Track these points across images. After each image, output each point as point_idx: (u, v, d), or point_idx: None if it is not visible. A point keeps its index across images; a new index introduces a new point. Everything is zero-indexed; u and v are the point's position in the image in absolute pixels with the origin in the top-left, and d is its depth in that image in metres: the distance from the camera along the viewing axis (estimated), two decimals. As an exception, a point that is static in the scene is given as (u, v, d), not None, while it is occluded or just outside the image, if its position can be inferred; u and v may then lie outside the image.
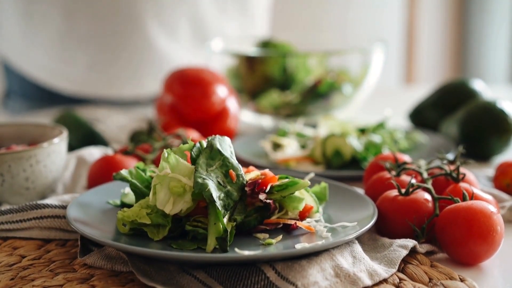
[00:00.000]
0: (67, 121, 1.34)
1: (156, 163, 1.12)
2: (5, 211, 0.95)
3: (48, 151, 1.04)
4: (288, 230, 0.88)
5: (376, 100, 1.78)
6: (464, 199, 0.89)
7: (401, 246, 0.86)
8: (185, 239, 0.85)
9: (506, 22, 3.46)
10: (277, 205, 0.90)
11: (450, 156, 1.18)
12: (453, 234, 0.84)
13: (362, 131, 1.31)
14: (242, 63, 1.55)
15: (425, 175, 0.97)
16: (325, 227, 0.89)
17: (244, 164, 1.11)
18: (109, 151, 1.22)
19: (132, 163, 1.08)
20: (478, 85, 1.45)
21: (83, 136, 1.33)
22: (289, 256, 0.80)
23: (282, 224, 0.89)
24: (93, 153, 1.22)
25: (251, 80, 1.55)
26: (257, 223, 0.88)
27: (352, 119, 1.45)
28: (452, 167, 1.00)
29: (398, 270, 0.84)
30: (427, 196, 0.91)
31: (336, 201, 0.97)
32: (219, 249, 0.82)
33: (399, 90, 2.44)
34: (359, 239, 0.90)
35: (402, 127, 1.42)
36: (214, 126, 1.38)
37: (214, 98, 1.37)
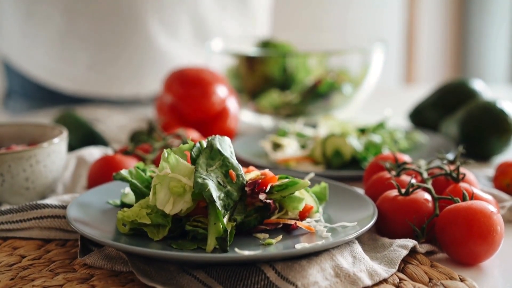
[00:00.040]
0: (67, 121, 1.34)
1: (156, 163, 1.12)
2: (5, 211, 0.95)
3: (48, 151, 1.04)
4: (288, 230, 0.88)
5: (376, 100, 1.78)
6: (464, 199, 0.89)
7: (401, 246, 0.86)
8: (185, 239, 0.85)
9: (506, 22, 3.46)
10: (277, 205, 0.90)
11: (450, 156, 1.18)
12: (453, 234, 0.84)
13: (362, 131, 1.31)
14: (242, 63, 1.55)
15: (425, 175, 0.97)
16: (325, 227, 0.89)
17: (244, 164, 1.11)
18: (109, 151, 1.22)
19: (132, 163, 1.08)
20: (478, 85, 1.45)
21: (83, 136, 1.33)
22: (289, 256, 0.80)
23: (282, 224, 0.89)
24: (93, 153, 1.22)
25: (251, 80, 1.55)
26: (257, 223, 0.88)
27: (352, 119, 1.45)
28: (452, 167, 1.00)
29: (398, 270, 0.84)
30: (427, 196, 0.91)
31: (336, 201, 0.97)
32: (219, 249, 0.82)
33: (399, 90, 2.44)
34: (359, 239, 0.90)
35: (402, 127, 1.42)
36: (214, 126, 1.38)
37: (214, 98, 1.37)
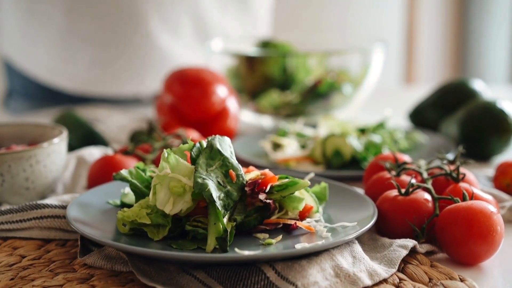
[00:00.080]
0: (67, 121, 1.34)
1: (156, 163, 1.12)
2: (5, 211, 0.95)
3: (48, 151, 1.04)
4: (288, 230, 0.88)
5: (376, 100, 1.78)
6: (464, 199, 0.89)
7: (401, 246, 0.86)
8: (185, 239, 0.85)
9: (506, 22, 3.46)
10: (277, 205, 0.89)
11: (450, 156, 1.18)
12: (453, 234, 0.84)
13: (362, 131, 1.31)
14: (242, 63, 1.55)
15: (425, 175, 0.97)
16: (325, 227, 0.89)
17: (244, 164, 1.11)
18: (109, 151, 1.22)
19: (132, 163, 1.08)
20: (478, 85, 1.45)
21: (83, 136, 1.33)
22: (289, 256, 0.80)
23: (282, 224, 0.89)
24: (93, 153, 1.22)
25: (251, 80, 1.55)
26: (257, 223, 0.88)
27: (352, 119, 1.45)
28: (452, 167, 1.00)
29: (398, 270, 0.84)
30: (427, 196, 0.91)
31: (336, 201, 0.97)
32: (219, 249, 0.82)
33: (399, 90, 2.44)
34: (359, 239, 0.90)
35: (402, 127, 1.42)
36: (214, 126, 1.38)
37: (214, 98, 1.37)
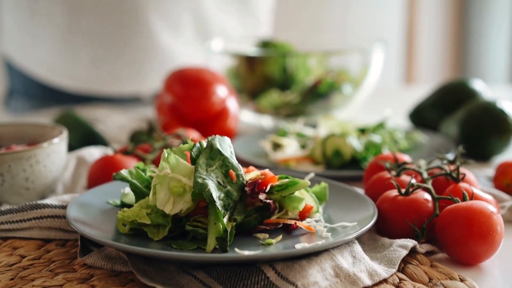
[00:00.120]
0: (67, 121, 1.34)
1: (156, 163, 1.12)
2: (5, 211, 0.95)
3: (48, 151, 1.04)
4: (288, 230, 0.88)
5: (376, 100, 1.78)
6: (464, 199, 0.89)
7: (401, 246, 0.86)
8: (185, 239, 0.85)
9: (506, 22, 3.46)
10: (277, 205, 0.90)
11: (450, 156, 1.18)
12: (453, 234, 0.84)
13: (362, 131, 1.31)
14: (242, 63, 1.55)
15: (425, 175, 0.97)
16: (325, 227, 0.89)
17: (244, 164, 1.11)
18: (109, 151, 1.22)
19: (132, 163, 1.08)
20: (478, 85, 1.45)
21: (83, 136, 1.33)
22: (289, 256, 0.80)
23: (282, 224, 0.89)
24: (93, 153, 1.22)
25: (251, 80, 1.55)
26: (257, 223, 0.88)
27: (352, 119, 1.45)
28: (452, 167, 1.00)
29: (398, 270, 0.84)
30: (427, 196, 0.91)
31: (336, 201, 0.97)
32: (219, 249, 0.82)
33: (399, 90, 2.44)
34: (359, 239, 0.90)
35: (402, 127, 1.42)
36: (214, 126, 1.38)
37: (214, 98, 1.37)
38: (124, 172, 0.92)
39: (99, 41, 1.73)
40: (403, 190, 0.92)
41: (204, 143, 0.89)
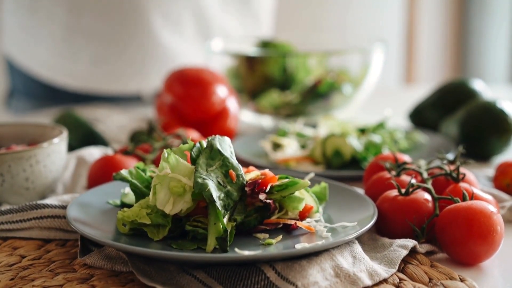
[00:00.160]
0: (67, 121, 1.34)
1: (156, 163, 1.12)
2: (5, 211, 0.95)
3: (48, 151, 1.04)
4: (288, 230, 0.88)
5: (376, 100, 1.78)
6: (464, 199, 0.89)
7: (401, 246, 0.86)
8: (185, 239, 0.85)
9: (506, 22, 3.46)
10: (277, 205, 0.89)
11: (450, 156, 1.18)
12: (453, 234, 0.84)
13: (362, 131, 1.31)
14: (242, 63, 1.55)
15: (425, 175, 0.97)
16: (325, 227, 0.89)
17: (244, 164, 1.11)
18: (109, 151, 1.22)
19: (132, 163, 1.08)
20: (478, 85, 1.45)
21: (83, 136, 1.33)
22: (289, 256, 0.80)
23: (282, 224, 0.89)
24: (93, 153, 1.22)
25: (251, 80, 1.55)
26: (257, 223, 0.88)
27: (352, 119, 1.45)
28: (452, 167, 1.00)
29: (398, 270, 0.84)
30: (427, 196, 0.91)
31: (336, 201, 0.97)
32: (219, 249, 0.82)
33: (399, 90, 2.44)
34: (359, 239, 0.90)
35: (402, 127, 1.42)
36: (214, 126, 1.38)
37: (214, 98, 1.37)
38: (124, 172, 0.92)
39: (100, 40, 1.73)
40: (403, 190, 0.92)
41: (204, 143, 0.89)
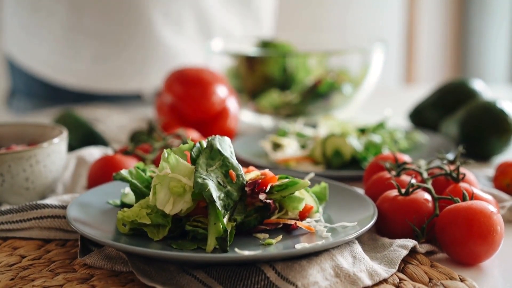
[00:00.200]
0: (67, 121, 1.34)
1: (156, 163, 1.12)
2: (5, 211, 0.95)
3: (48, 151, 1.04)
4: (288, 230, 0.88)
5: (376, 100, 1.78)
6: (464, 199, 0.89)
7: (401, 246, 0.86)
8: (185, 239, 0.85)
9: (506, 22, 3.46)
10: (277, 205, 0.89)
11: (450, 156, 1.18)
12: (453, 234, 0.84)
13: (362, 131, 1.31)
14: (242, 63, 1.55)
15: (425, 175, 0.97)
16: (325, 227, 0.89)
17: (244, 164, 1.11)
18: (109, 151, 1.22)
19: (132, 163, 1.08)
20: (478, 85, 1.45)
21: (83, 136, 1.33)
22: (289, 256, 0.80)
23: (282, 224, 0.89)
24: (93, 153, 1.22)
25: (251, 80, 1.55)
26: (257, 223, 0.88)
27: (352, 119, 1.45)
28: (452, 167, 1.00)
29: (398, 270, 0.84)
30: (427, 196, 0.91)
31: (336, 201, 0.97)
32: (219, 249, 0.82)
33: (399, 90, 2.44)
34: (359, 239, 0.90)
35: (402, 127, 1.42)
36: (214, 126, 1.38)
37: (214, 98, 1.37)
38: (124, 172, 0.92)
39: (101, 39, 1.73)
40: (403, 190, 0.92)
41: (204, 143, 0.89)
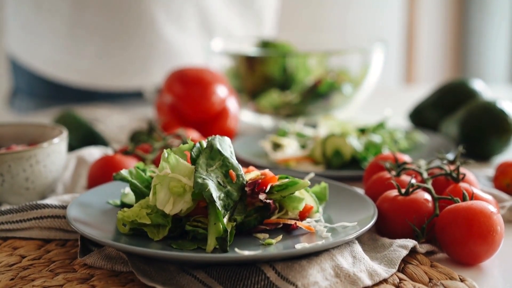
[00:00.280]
0: (67, 121, 1.34)
1: (156, 163, 1.12)
2: (5, 211, 0.95)
3: (48, 151, 1.04)
4: (288, 230, 0.88)
5: (376, 100, 1.78)
6: (464, 199, 0.89)
7: (401, 246, 0.86)
8: (185, 239, 0.85)
9: (506, 22, 3.46)
10: (277, 205, 0.89)
11: (450, 156, 1.18)
12: (453, 234, 0.84)
13: (362, 131, 1.31)
14: (242, 63, 1.55)
15: (425, 175, 0.97)
16: (325, 227, 0.89)
17: (244, 164, 1.11)
18: (109, 151, 1.22)
19: (132, 163, 1.08)
20: (478, 85, 1.45)
21: (83, 136, 1.33)
22: (289, 256, 0.80)
23: (282, 224, 0.89)
24: (93, 153, 1.22)
25: (251, 80, 1.55)
26: (257, 223, 0.88)
27: (352, 119, 1.45)
28: (452, 167, 1.00)
29: (398, 270, 0.84)
30: (427, 196, 0.91)
31: (336, 201, 0.97)
32: (219, 249, 0.82)
33: (399, 90, 2.44)
34: (359, 239, 0.90)
35: (402, 127, 1.42)
36: (214, 126, 1.38)
37: (214, 98, 1.37)
38: (124, 172, 0.92)
39: (104, 35, 1.73)
40: (403, 190, 0.92)
41: (204, 143, 0.89)
